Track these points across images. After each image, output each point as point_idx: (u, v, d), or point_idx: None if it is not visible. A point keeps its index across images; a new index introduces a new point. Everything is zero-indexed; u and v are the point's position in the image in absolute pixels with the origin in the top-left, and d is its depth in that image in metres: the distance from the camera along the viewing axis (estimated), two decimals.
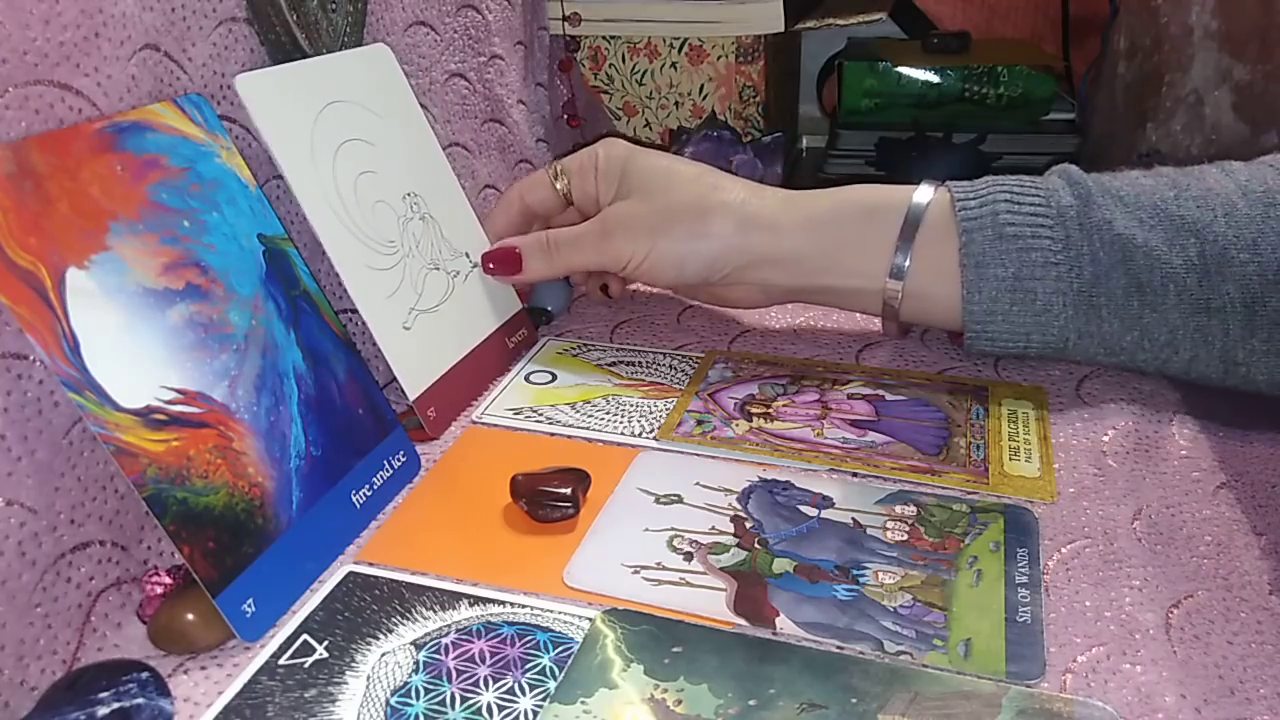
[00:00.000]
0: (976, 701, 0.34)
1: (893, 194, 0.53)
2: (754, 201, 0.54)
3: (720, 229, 0.54)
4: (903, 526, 0.43)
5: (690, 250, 0.54)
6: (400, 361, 0.49)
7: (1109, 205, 0.49)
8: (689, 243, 0.54)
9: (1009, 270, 0.49)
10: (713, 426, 0.51)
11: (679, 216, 0.54)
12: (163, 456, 0.36)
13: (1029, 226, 0.49)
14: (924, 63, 0.88)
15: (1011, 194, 0.50)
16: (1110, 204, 0.49)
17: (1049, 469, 0.47)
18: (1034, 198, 0.50)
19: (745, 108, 0.82)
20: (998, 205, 0.50)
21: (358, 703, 0.34)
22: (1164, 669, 0.35)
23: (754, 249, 0.54)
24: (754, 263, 0.54)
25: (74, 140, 0.37)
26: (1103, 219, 0.48)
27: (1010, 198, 0.50)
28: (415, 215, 0.54)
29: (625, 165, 0.56)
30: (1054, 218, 0.49)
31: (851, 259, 0.53)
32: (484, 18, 0.69)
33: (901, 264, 0.51)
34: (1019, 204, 0.50)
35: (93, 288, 0.36)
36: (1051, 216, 0.49)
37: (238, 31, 0.47)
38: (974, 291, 0.50)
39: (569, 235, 0.56)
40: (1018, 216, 0.49)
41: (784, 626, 0.37)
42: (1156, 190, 0.49)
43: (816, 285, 0.55)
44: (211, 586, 0.36)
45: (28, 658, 0.34)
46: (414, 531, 0.44)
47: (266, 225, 0.44)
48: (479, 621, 0.38)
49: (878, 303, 0.53)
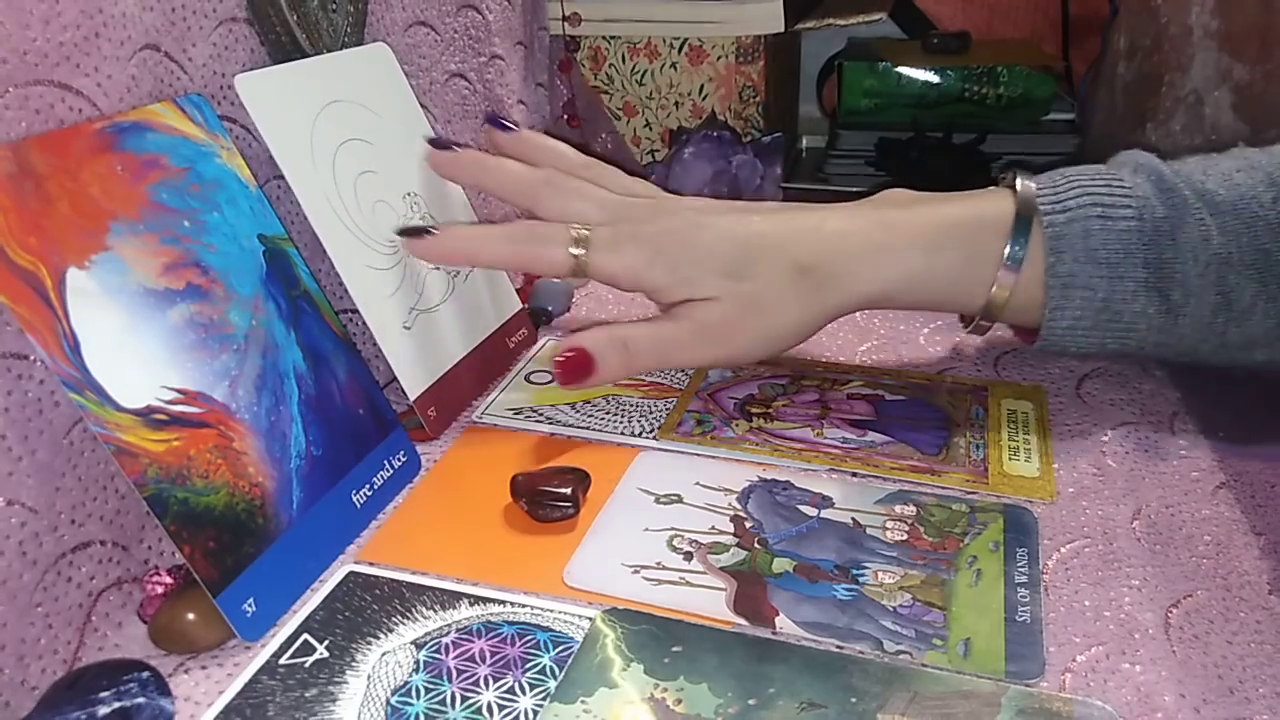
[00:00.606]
0: (976, 701, 0.34)
1: (983, 205, 0.49)
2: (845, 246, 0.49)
3: (814, 301, 0.49)
4: (902, 526, 0.43)
5: (790, 333, 0.50)
6: (400, 361, 0.50)
7: (1204, 218, 0.46)
8: (788, 332, 0.50)
9: (1098, 295, 0.46)
10: (713, 426, 0.51)
11: (772, 306, 0.48)
12: (163, 456, 0.36)
13: (1120, 249, 0.46)
14: (924, 63, 0.88)
15: (1102, 208, 0.46)
16: (1205, 216, 0.46)
17: (1048, 469, 0.47)
18: (1126, 211, 0.46)
19: (745, 108, 0.82)
20: (1089, 224, 0.46)
21: (358, 702, 0.35)
22: (1163, 669, 0.35)
23: (856, 298, 0.49)
24: (856, 305, 0.50)
25: (74, 140, 0.37)
26: (1199, 237, 0.46)
27: (1101, 213, 0.46)
28: (415, 215, 0.54)
29: (686, 251, 0.49)
30: (1148, 236, 0.46)
31: (959, 280, 0.49)
32: (484, 18, 0.69)
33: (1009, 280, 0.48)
34: (1110, 220, 0.46)
35: (93, 288, 0.36)
36: (1145, 234, 0.46)
37: (238, 31, 0.47)
38: (1059, 310, 0.47)
39: (649, 337, 0.49)
40: (1109, 236, 0.46)
41: (784, 626, 0.37)
42: (1253, 191, 0.47)
43: (913, 305, 0.51)
44: (212, 586, 0.36)
45: (28, 657, 0.34)
46: (414, 531, 0.44)
47: (267, 225, 0.44)
48: (479, 621, 0.38)
49: (967, 310, 0.51)
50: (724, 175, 0.72)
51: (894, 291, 0.49)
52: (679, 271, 0.49)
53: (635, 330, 0.50)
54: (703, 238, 0.49)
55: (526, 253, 0.50)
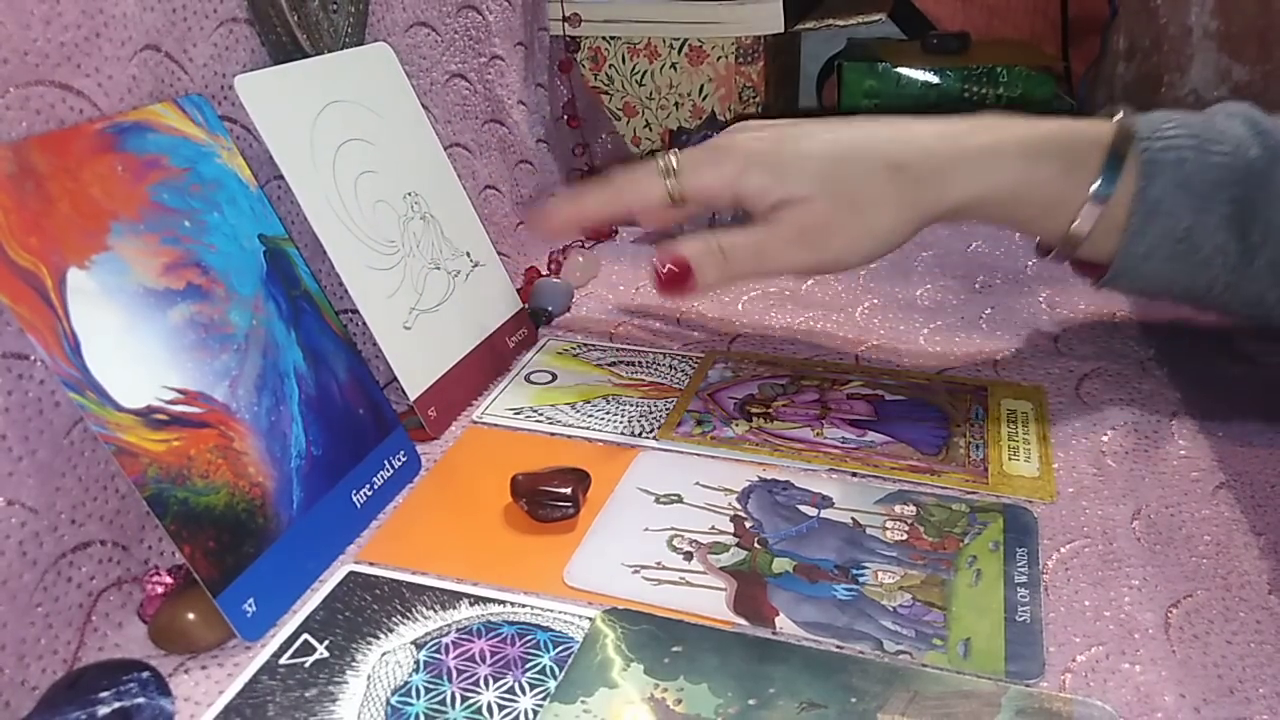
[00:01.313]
0: (976, 701, 0.34)
1: (1083, 126, 0.49)
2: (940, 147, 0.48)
3: (909, 200, 0.48)
4: (902, 526, 0.43)
5: (885, 235, 0.49)
6: (400, 361, 0.50)
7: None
8: (884, 233, 0.49)
9: (1181, 224, 0.46)
10: (713, 426, 0.51)
11: (869, 205, 0.48)
12: (163, 456, 0.36)
13: (1212, 181, 0.46)
14: (924, 63, 0.88)
15: (1199, 140, 0.46)
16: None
17: (1048, 469, 0.47)
18: (1221, 147, 0.46)
19: (745, 108, 0.82)
20: (1184, 153, 0.46)
21: (358, 702, 0.35)
22: (1163, 668, 0.35)
23: (952, 202, 0.48)
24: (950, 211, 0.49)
25: (75, 140, 0.37)
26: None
27: (1197, 144, 0.46)
28: (416, 215, 0.54)
29: (779, 157, 0.49)
30: (1240, 174, 0.46)
31: (1053, 194, 0.48)
32: (484, 18, 0.69)
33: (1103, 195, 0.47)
34: (1206, 152, 0.46)
35: (94, 288, 0.36)
36: (1238, 171, 0.46)
37: (239, 32, 0.47)
38: (1138, 236, 0.47)
39: (747, 244, 0.50)
40: (1203, 167, 0.46)
41: (784, 626, 0.37)
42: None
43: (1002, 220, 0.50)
44: (212, 586, 0.36)
45: (28, 657, 0.34)
46: (414, 531, 0.44)
47: (267, 225, 0.44)
48: (479, 621, 0.38)
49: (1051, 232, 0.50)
50: None
51: (989, 199, 0.48)
52: (774, 173, 0.49)
53: (732, 237, 0.50)
54: (796, 143, 0.49)
55: (624, 191, 0.52)
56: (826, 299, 0.66)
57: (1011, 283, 0.67)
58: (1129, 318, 0.62)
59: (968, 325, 0.62)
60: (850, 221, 0.48)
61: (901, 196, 0.48)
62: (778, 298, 0.66)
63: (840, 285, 0.68)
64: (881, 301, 0.65)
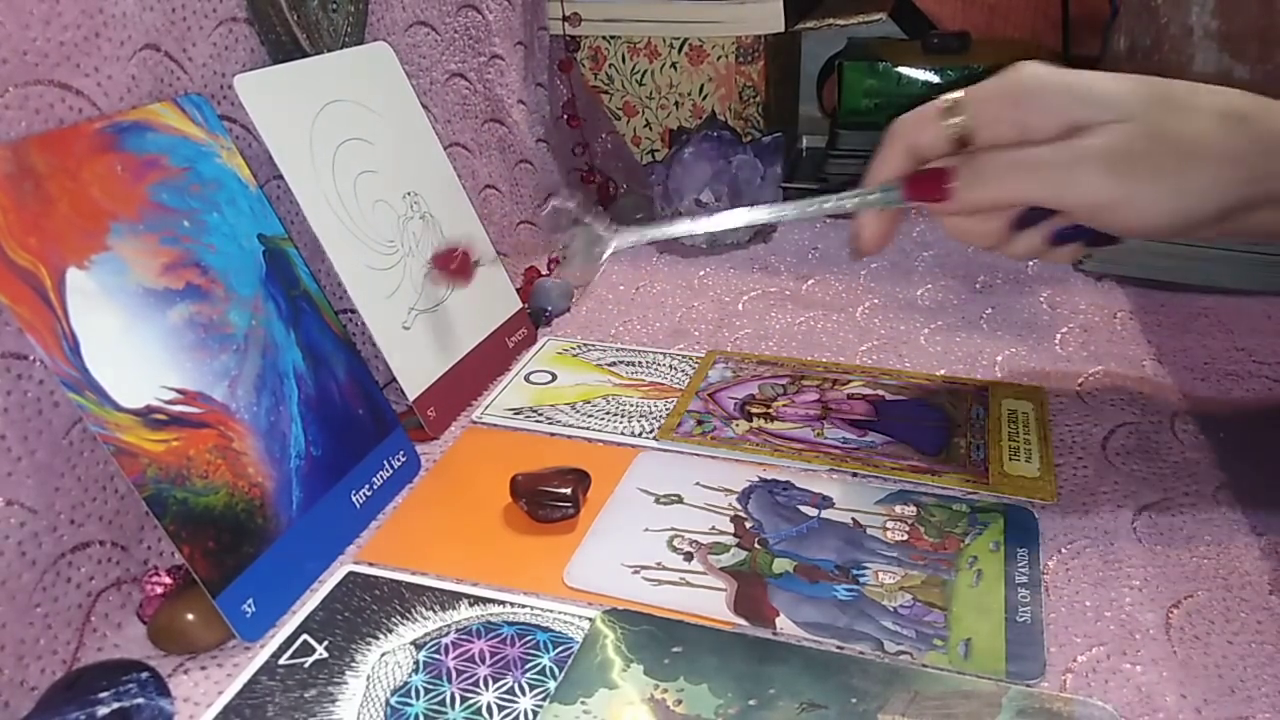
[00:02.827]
0: (976, 701, 0.34)
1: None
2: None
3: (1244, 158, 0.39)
4: (902, 526, 0.43)
5: (1198, 204, 0.39)
6: (400, 361, 0.49)
7: None
8: (1197, 194, 0.39)
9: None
10: (713, 426, 0.51)
11: (1192, 152, 0.39)
12: (163, 456, 0.36)
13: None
14: (924, 63, 0.88)
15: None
16: None
17: (1049, 469, 0.47)
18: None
19: (745, 108, 0.82)
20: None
21: (358, 702, 0.34)
22: (1164, 669, 0.35)
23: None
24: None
25: (74, 140, 0.37)
26: None
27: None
28: (415, 214, 0.54)
29: (1087, 78, 0.40)
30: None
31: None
32: (484, 18, 0.69)
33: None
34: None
35: (93, 288, 0.36)
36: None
37: (238, 31, 0.47)
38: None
39: (1018, 157, 0.40)
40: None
41: (784, 626, 0.37)
42: None
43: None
44: (211, 586, 0.36)
45: (28, 657, 0.34)
46: (414, 531, 0.44)
47: (266, 225, 0.44)
48: (479, 621, 0.38)
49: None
50: (724, 175, 0.72)
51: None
52: (1078, 96, 0.40)
53: (997, 152, 0.41)
54: (1099, 77, 0.40)
55: (907, 137, 0.45)
56: (827, 299, 0.66)
57: (1012, 283, 0.67)
58: (1129, 318, 0.62)
59: (968, 325, 0.61)
60: (1167, 164, 0.39)
61: (1236, 151, 0.39)
62: (778, 298, 0.66)
63: (840, 285, 0.68)
64: (882, 301, 0.65)
